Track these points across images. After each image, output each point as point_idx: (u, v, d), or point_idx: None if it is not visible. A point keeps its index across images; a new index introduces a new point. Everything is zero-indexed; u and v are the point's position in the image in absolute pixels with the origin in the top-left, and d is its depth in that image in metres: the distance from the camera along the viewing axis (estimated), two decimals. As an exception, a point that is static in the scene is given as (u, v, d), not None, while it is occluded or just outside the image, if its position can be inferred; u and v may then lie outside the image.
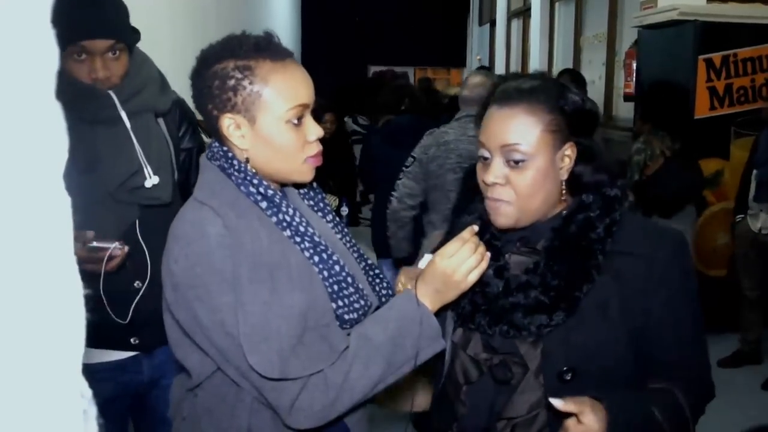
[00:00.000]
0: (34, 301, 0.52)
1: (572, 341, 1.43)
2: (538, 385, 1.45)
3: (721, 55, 5.01)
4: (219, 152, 1.49)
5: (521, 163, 1.43)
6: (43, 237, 0.53)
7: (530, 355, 1.45)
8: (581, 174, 1.50)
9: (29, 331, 0.52)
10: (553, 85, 1.50)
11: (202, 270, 1.39)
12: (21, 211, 0.51)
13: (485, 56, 15.00)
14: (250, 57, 1.44)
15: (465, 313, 1.53)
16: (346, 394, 1.42)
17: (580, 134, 1.48)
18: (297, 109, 1.46)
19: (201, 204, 1.44)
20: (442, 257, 1.46)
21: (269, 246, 1.42)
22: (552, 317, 1.43)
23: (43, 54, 0.54)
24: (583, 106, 1.48)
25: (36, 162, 0.52)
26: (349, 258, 1.61)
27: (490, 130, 1.48)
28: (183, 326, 1.46)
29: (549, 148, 1.44)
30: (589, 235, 1.46)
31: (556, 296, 1.43)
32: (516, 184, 1.45)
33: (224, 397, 1.48)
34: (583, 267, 1.44)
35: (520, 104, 1.44)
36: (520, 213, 1.47)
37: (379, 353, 1.44)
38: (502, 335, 1.48)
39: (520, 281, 1.48)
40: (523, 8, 11.78)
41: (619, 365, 1.44)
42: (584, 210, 1.49)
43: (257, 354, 1.36)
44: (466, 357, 1.53)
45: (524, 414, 1.45)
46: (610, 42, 8.02)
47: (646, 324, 1.44)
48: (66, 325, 0.55)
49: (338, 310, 1.48)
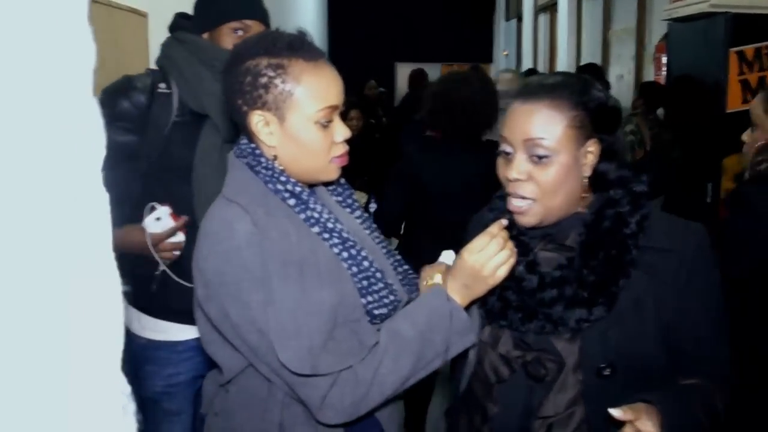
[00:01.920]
0: (73, 299, 0.52)
1: (610, 337, 1.42)
2: (575, 382, 1.44)
3: (753, 48, 4.92)
4: (247, 149, 1.50)
5: (544, 159, 1.43)
6: (82, 234, 0.53)
7: (567, 351, 1.45)
8: (606, 172, 1.50)
9: (70, 328, 0.52)
10: (576, 81, 1.50)
11: (231, 268, 1.39)
12: (60, 209, 0.51)
13: (512, 52, 14.92)
14: (284, 55, 1.44)
15: (495, 310, 1.52)
16: (376, 389, 1.42)
17: (603, 131, 1.47)
18: (327, 110, 1.46)
19: (229, 201, 1.45)
20: (470, 252, 1.45)
21: (298, 243, 1.43)
22: (592, 311, 1.42)
23: (81, 51, 0.54)
24: (606, 103, 1.47)
25: (74, 159, 0.52)
26: (378, 253, 1.61)
27: (513, 124, 1.47)
28: (214, 323, 1.46)
29: (572, 143, 1.43)
30: (622, 230, 1.45)
31: (593, 291, 1.43)
32: (539, 180, 1.44)
33: (256, 393, 1.49)
34: (618, 262, 1.43)
35: (544, 99, 1.44)
36: (544, 210, 1.46)
37: (409, 348, 1.44)
38: (536, 332, 1.47)
39: (554, 276, 1.47)
40: (550, 3, 11.69)
41: (653, 360, 1.44)
42: (613, 205, 1.48)
43: (288, 350, 1.36)
44: (496, 355, 1.52)
45: (562, 412, 1.45)
46: (639, 36, 7.93)
47: (677, 319, 1.44)
48: (105, 322, 0.55)
49: (368, 305, 1.48)
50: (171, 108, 2.14)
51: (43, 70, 0.50)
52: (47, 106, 0.50)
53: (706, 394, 1.45)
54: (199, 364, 2.21)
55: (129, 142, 2.08)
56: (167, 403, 2.24)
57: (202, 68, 2.12)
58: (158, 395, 2.23)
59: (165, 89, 2.15)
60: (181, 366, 2.24)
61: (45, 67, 0.50)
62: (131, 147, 2.09)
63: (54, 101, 0.50)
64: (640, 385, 1.40)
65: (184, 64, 2.14)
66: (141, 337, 2.23)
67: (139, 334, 2.23)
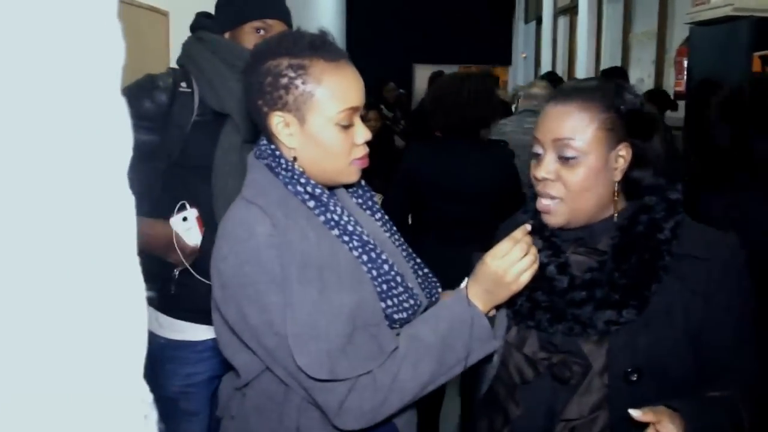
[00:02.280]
0: (97, 304, 0.51)
1: (639, 342, 1.42)
2: (601, 386, 1.43)
3: (776, 52, 4.88)
4: (267, 150, 1.49)
5: (573, 160, 1.43)
6: (107, 238, 0.51)
7: (594, 354, 1.44)
8: (640, 179, 1.49)
9: (92, 335, 0.51)
10: (610, 85, 1.50)
11: (250, 269, 1.38)
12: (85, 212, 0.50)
13: (531, 54, 14.89)
14: (305, 56, 1.43)
15: (522, 311, 1.51)
16: (395, 395, 1.40)
17: (636, 135, 1.46)
18: (348, 112, 1.45)
19: (249, 203, 1.44)
20: (494, 257, 1.44)
21: (318, 245, 1.41)
22: (621, 313, 1.41)
23: (111, 48, 0.52)
24: (640, 108, 1.47)
25: (101, 160, 0.51)
26: (398, 257, 1.60)
27: (544, 125, 1.48)
28: (231, 325, 1.45)
29: (603, 146, 1.43)
30: (656, 236, 1.45)
31: (625, 293, 1.42)
32: (567, 181, 1.44)
33: (273, 397, 1.47)
34: (651, 267, 1.43)
35: (576, 101, 1.45)
36: (571, 212, 1.46)
37: (429, 354, 1.43)
38: (564, 333, 1.46)
39: (584, 279, 1.47)
40: (570, 5, 11.65)
41: (681, 368, 1.43)
42: (648, 211, 1.48)
43: (306, 355, 1.35)
44: (521, 357, 1.51)
45: (585, 416, 1.43)
46: (660, 39, 7.89)
47: (706, 329, 1.42)
48: (129, 329, 0.54)
49: (387, 309, 1.46)
50: (192, 107, 2.14)
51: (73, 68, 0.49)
52: (76, 105, 0.49)
53: (733, 407, 1.43)
54: (217, 365, 2.21)
55: (150, 141, 2.09)
56: (185, 402, 2.25)
57: (224, 67, 2.13)
58: (176, 395, 2.24)
59: (186, 88, 2.15)
60: (199, 366, 2.24)
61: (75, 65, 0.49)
62: (152, 146, 2.09)
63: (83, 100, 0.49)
64: (666, 393, 1.39)
65: (205, 64, 2.15)
66: (160, 336, 2.23)
67: (159, 334, 2.23)
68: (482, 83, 3.41)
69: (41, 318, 0.49)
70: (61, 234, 0.48)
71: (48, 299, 0.49)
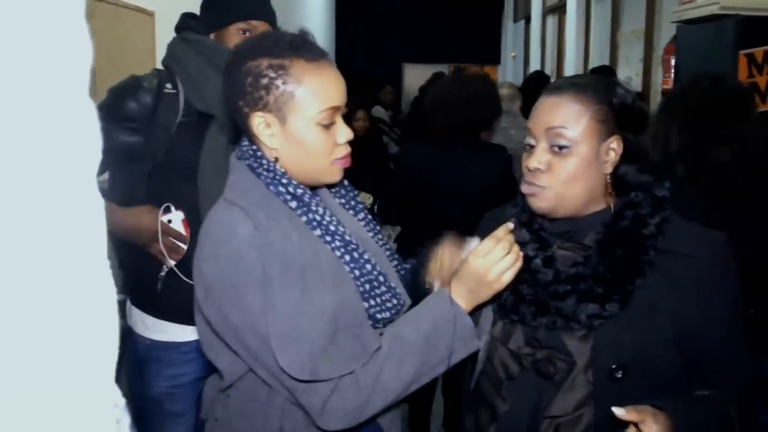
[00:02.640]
0: (67, 308, 0.51)
1: (623, 338, 1.41)
2: (585, 383, 1.43)
3: (763, 51, 4.90)
4: (248, 151, 1.49)
5: (565, 150, 1.44)
6: (75, 242, 0.51)
7: (579, 350, 1.44)
8: (626, 174, 1.49)
9: (62, 339, 0.50)
10: (603, 80, 1.53)
11: (232, 271, 1.38)
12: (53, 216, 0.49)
13: (520, 53, 14.91)
14: (285, 56, 1.43)
15: (507, 305, 1.51)
16: (378, 394, 1.40)
17: (627, 129, 1.47)
18: (329, 111, 1.44)
19: (231, 204, 1.43)
20: (476, 256, 1.44)
21: (300, 246, 1.41)
22: (605, 307, 1.41)
23: (78, 50, 0.52)
24: (631, 103, 1.48)
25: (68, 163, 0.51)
26: (381, 256, 1.60)
27: (537, 116, 1.49)
28: (214, 326, 1.45)
29: (594, 137, 1.44)
30: (641, 231, 1.45)
31: (608, 288, 1.42)
32: (558, 171, 1.44)
33: (256, 398, 1.47)
34: (635, 261, 1.43)
35: (569, 92, 1.46)
36: (558, 198, 1.46)
37: (412, 353, 1.43)
38: (548, 327, 1.46)
39: (569, 273, 1.47)
40: (559, 4, 11.67)
41: (666, 366, 1.43)
42: (634, 207, 1.48)
43: (288, 355, 1.35)
44: (506, 351, 1.51)
45: (570, 412, 1.43)
46: (647, 38, 7.91)
47: (693, 326, 1.42)
48: (99, 333, 0.53)
49: (370, 309, 1.46)
50: (177, 108, 2.13)
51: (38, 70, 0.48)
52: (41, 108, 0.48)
53: (721, 405, 1.42)
54: (202, 366, 2.20)
55: (135, 143, 2.08)
56: (171, 404, 2.24)
57: (209, 68, 2.12)
58: (162, 396, 2.23)
59: (171, 89, 2.14)
60: (185, 367, 2.23)
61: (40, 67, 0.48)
62: (137, 147, 2.09)
63: (49, 102, 0.49)
64: (651, 390, 1.39)
65: (190, 65, 2.14)
66: (145, 337, 2.23)
67: (144, 335, 2.23)
68: (483, 84, 3.43)
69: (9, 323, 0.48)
70: (28, 238, 0.48)
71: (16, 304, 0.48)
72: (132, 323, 2.26)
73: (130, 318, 2.27)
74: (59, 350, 0.50)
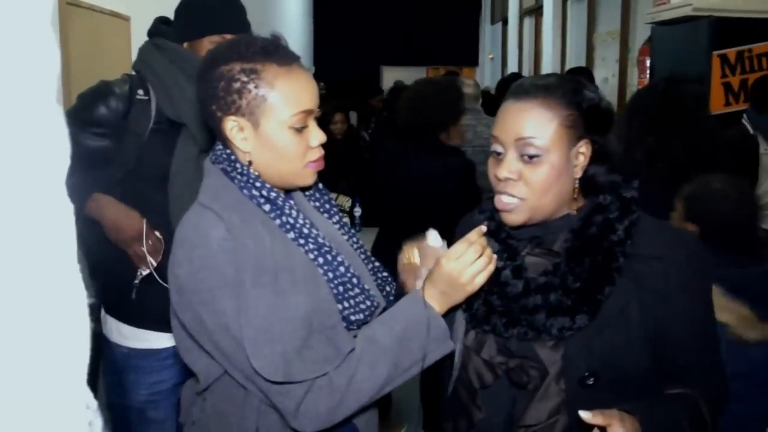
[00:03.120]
0: (37, 312, 0.51)
1: (594, 346, 1.40)
2: (558, 391, 1.42)
3: (735, 51, 4.95)
4: (222, 155, 1.49)
5: (536, 158, 1.41)
6: (45, 246, 0.52)
7: (551, 359, 1.43)
8: (595, 175, 1.48)
9: (33, 342, 0.51)
10: (569, 81, 1.48)
11: (205, 274, 1.38)
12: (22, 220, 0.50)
13: (497, 55, 14.98)
14: (257, 60, 1.43)
15: (479, 315, 1.50)
16: (351, 396, 1.41)
17: (596, 132, 1.45)
18: (301, 115, 1.45)
19: (204, 208, 1.44)
20: (448, 259, 1.44)
21: (272, 249, 1.41)
22: (575, 320, 1.40)
23: (44, 57, 0.53)
24: (599, 104, 1.46)
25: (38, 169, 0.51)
26: (356, 259, 1.60)
27: (504, 124, 1.45)
28: (189, 330, 1.46)
29: (564, 143, 1.42)
30: (609, 237, 1.43)
31: (577, 298, 1.41)
32: (529, 180, 1.42)
33: (232, 400, 1.48)
34: (604, 269, 1.42)
35: (536, 98, 1.42)
36: (531, 210, 1.44)
37: (386, 355, 1.43)
38: (519, 338, 1.45)
39: (539, 282, 1.45)
40: (536, 6, 11.75)
41: (638, 370, 1.42)
42: (602, 211, 1.46)
43: (261, 358, 1.35)
44: (480, 361, 1.51)
45: (543, 421, 1.42)
46: (623, 39, 7.97)
47: (665, 328, 1.42)
48: (70, 336, 0.54)
49: (344, 311, 1.47)
50: (149, 115, 2.12)
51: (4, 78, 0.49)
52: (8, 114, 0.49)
53: (693, 404, 1.42)
54: (182, 371, 2.20)
55: (104, 148, 2.08)
56: (152, 411, 2.23)
57: (181, 77, 2.11)
58: (143, 404, 2.22)
59: (143, 96, 2.13)
60: (164, 373, 2.23)
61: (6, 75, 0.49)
62: (106, 152, 2.08)
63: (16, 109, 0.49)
64: (624, 395, 1.38)
65: (163, 73, 2.13)
66: (122, 346, 2.22)
67: (121, 344, 2.22)
68: (443, 87, 3.46)
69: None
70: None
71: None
72: (107, 332, 2.24)
73: (105, 327, 2.25)
74: (30, 352, 0.50)
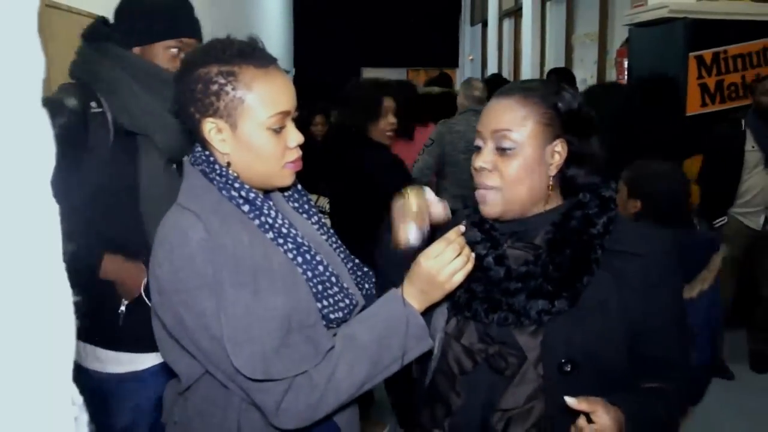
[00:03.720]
0: (22, 309, 0.52)
1: (573, 334, 1.44)
2: (536, 377, 1.46)
3: (711, 52, 5.02)
4: (201, 156, 1.50)
5: (510, 151, 1.47)
6: (31, 245, 0.53)
7: (529, 345, 1.47)
8: (575, 176, 1.53)
9: (19, 338, 0.52)
10: (550, 84, 1.56)
11: (185, 275, 1.39)
12: (8, 219, 0.51)
13: (477, 56, 15.02)
14: (234, 62, 1.45)
15: (461, 302, 1.54)
16: (331, 394, 1.42)
17: (572, 133, 1.50)
18: (278, 116, 1.47)
19: (183, 209, 1.45)
20: (427, 258, 1.46)
21: (251, 249, 1.43)
22: (554, 303, 1.44)
23: (30, 61, 0.54)
24: (577, 108, 1.51)
25: (24, 170, 0.52)
26: (334, 258, 1.62)
27: (485, 118, 1.53)
28: (170, 330, 1.46)
29: (539, 140, 1.48)
30: (588, 230, 1.48)
31: (558, 285, 1.45)
32: (503, 171, 1.48)
33: (214, 400, 1.49)
34: (583, 259, 1.46)
35: (516, 96, 1.50)
36: (506, 202, 1.49)
37: (365, 353, 1.45)
38: (500, 323, 1.48)
39: (520, 272, 1.50)
40: (515, 8, 11.79)
41: (615, 361, 1.46)
42: (582, 207, 1.51)
43: (241, 356, 1.36)
44: (460, 347, 1.54)
45: (520, 405, 1.46)
46: (601, 41, 8.03)
47: (643, 323, 1.46)
48: (56, 332, 0.55)
49: (323, 309, 1.49)
50: (108, 128, 2.04)
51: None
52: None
53: (669, 399, 1.47)
54: (161, 386, 2.17)
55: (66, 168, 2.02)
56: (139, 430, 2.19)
57: (135, 86, 2.04)
58: (126, 429, 2.18)
59: (97, 108, 2.03)
60: (145, 393, 2.17)
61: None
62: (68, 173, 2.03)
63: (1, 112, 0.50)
64: (600, 384, 1.42)
65: (114, 82, 2.05)
66: (102, 372, 2.15)
67: (99, 370, 2.15)
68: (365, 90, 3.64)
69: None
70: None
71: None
72: (83, 360, 2.15)
73: (79, 355, 2.14)
74: (16, 348, 0.51)
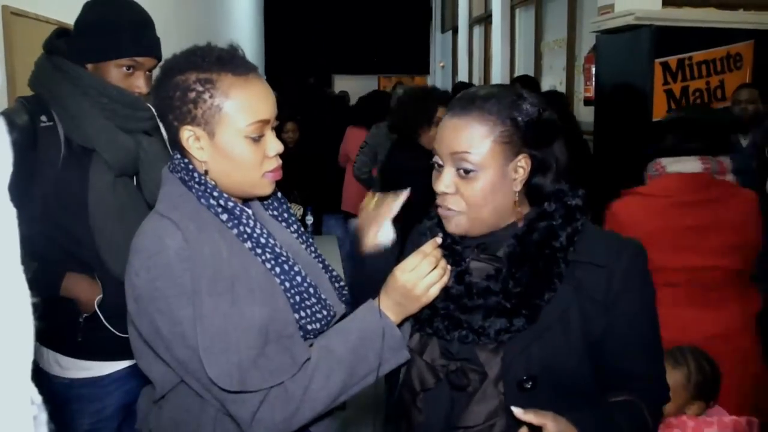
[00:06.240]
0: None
1: (533, 350, 1.42)
2: (496, 394, 1.44)
3: (676, 59, 5.09)
4: (180, 164, 1.49)
5: (471, 173, 1.43)
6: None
7: (490, 362, 1.44)
8: (541, 185, 1.49)
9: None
10: (508, 95, 1.46)
11: (162, 283, 1.38)
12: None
13: (448, 63, 15.09)
14: (213, 70, 1.44)
15: (423, 318, 1.51)
16: (306, 405, 1.41)
17: (535, 146, 1.45)
18: (257, 125, 1.45)
19: (161, 216, 1.43)
20: (403, 271, 1.44)
21: (229, 258, 1.42)
22: (512, 322, 1.42)
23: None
24: (538, 118, 1.45)
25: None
26: (313, 268, 1.61)
27: (442, 138, 1.48)
28: (145, 338, 1.45)
29: (500, 159, 1.43)
30: (551, 243, 1.45)
31: (517, 302, 1.43)
32: (465, 195, 1.44)
33: (189, 409, 1.47)
34: (545, 275, 1.43)
35: (472, 113, 1.44)
36: (470, 222, 1.47)
37: (341, 365, 1.44)
38: (460, 340, 1.47)
39: (480, 287, 1.47)
40: (485, 15, 11.88)
41: (578, 376, 1.44)
42: (546, 218, 1.48)
43: (216, 367, 1.35)
44: (423, 363, 1.52)
45: (480, 423, 1.44)
46: (569, 47, 8.12)
47: (606, 335, 1.43)
48: (14, 333, 0.55)
49: (301, 320, 1.48)
50: (58, 142, 2.03)
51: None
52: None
53: (636, 411, 1.44)
54: (124, 394, 2.18)
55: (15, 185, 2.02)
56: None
57: (86, 102, 2.04)
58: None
59: (47, 122, 2.03)
60: (106, 399, 2.18)
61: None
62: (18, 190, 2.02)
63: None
64: (563, 400, 1.39)
65: (68, 100, 2.04)
66: (63, 377, 2.15)
67: (61, 375, 2.15)
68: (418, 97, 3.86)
69: None
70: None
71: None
72: (45, 365, 2.15)
73: (41, 359, 2.15)
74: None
